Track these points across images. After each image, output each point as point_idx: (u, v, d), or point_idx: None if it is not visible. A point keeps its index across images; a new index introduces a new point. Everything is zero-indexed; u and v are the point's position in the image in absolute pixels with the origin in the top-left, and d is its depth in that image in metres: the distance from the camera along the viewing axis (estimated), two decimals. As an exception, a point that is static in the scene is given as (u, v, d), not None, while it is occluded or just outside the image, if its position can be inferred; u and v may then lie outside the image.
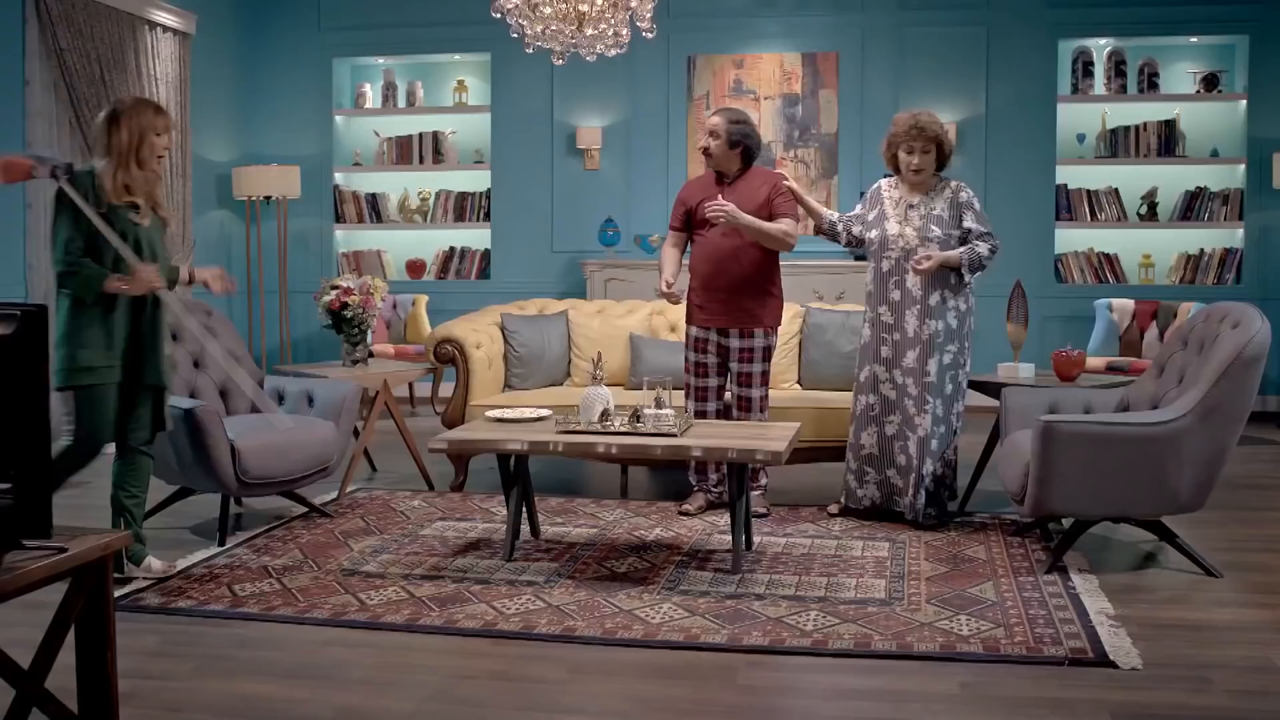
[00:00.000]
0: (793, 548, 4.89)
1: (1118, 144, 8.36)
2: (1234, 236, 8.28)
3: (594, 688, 3.46)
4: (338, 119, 9.26)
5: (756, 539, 5.01)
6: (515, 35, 4.53)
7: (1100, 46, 8.43)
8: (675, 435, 4.55)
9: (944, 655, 3.64)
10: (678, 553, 4.82)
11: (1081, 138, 8.44)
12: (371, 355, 7.61)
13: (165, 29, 7.97)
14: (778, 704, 3.34)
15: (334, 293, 5.92)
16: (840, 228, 5.45)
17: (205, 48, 8.53)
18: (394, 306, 8.71)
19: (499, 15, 4.41)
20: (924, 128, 5.16)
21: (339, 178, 9.29)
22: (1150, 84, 8.31)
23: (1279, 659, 3.64)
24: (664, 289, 5.38)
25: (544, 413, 4.95)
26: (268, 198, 8.81)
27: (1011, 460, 4.82)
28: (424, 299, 8.74)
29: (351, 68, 9.36)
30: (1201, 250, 8.28)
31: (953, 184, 5.29)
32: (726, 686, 3.45)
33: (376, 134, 9.26)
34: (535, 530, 5.06)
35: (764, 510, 5.39)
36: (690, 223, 5.44)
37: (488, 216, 9.07)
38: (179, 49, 8.15)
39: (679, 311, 6.55)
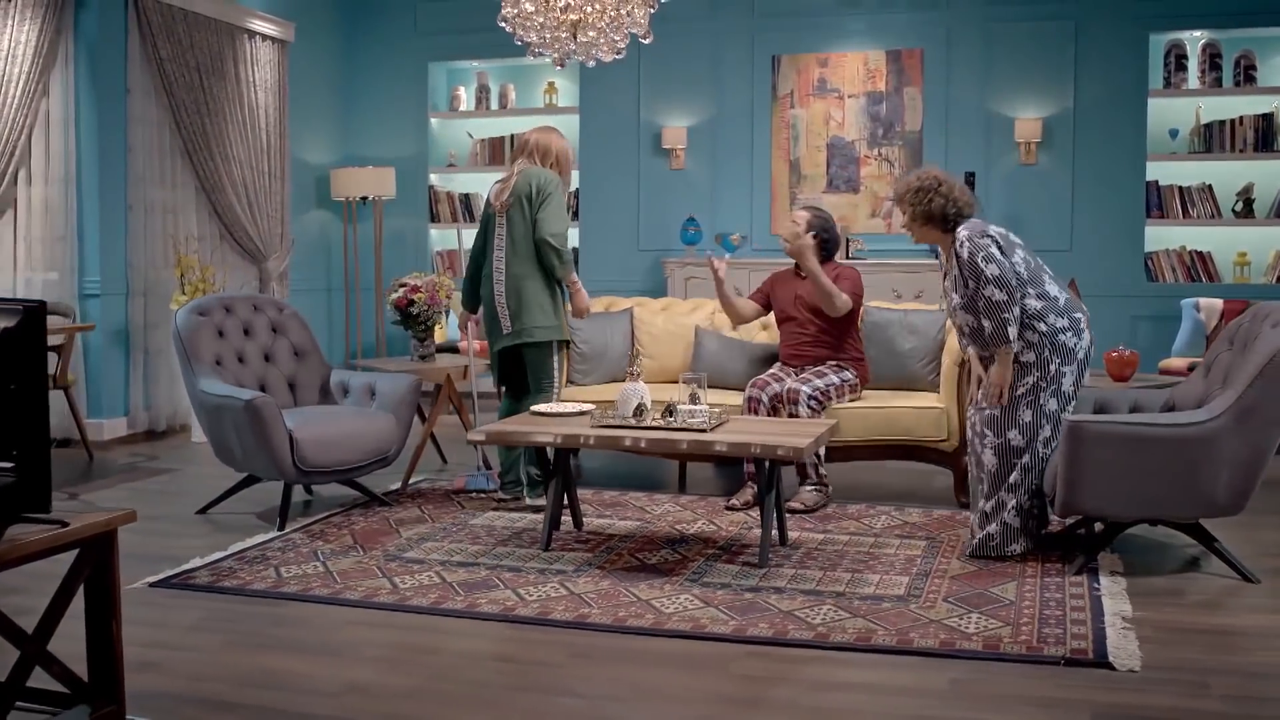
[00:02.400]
0: (828, 544, 4.94)
1: (1212, 139, 8.12)
2: (1336, 234, 7.99)
3: (591, 672, 3.58)
4: (433, 121, 9.55)
5: (795, 534, 5.06)
6: (518, 44, 4.68)
7: (1194, 39, 8.20)
8: (704, 430, 4.64)
9: (941, 652, 3.66)
10: (712, 546, 4.90)
11: (1174, 133, 8.22)
12: (456, 350, 7.88)
13: (264, 37, 8.34)
14: (763, 693, 3.41)
15: (401, 290, 6.16)
16: None
17: (304, 54, 8.89)
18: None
19: (503, 24, 4.58)
20: (894, 193, 4.90)
21: (434, 178, 9.58)
22: (1247, 77, 8.06)
23: (1289, 666, 3.58)
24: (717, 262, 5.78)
25: (586, 407, 5.08)
26: (364, 198, 9.15)
27: (1051, 460, 4.77)
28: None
29: (447, 71, 9.64)
30: (1301, 248, 8.01)
31: (956, 236, 4.69)
32: (720, 675, 3.53)
33: (470, 135, 9.53)
34: (577, 522, 5.20)
35: (802, 506, 5.42)
36: (770, 304, 6.00)
37: (576, 215, 9.24)
38: (277, 56, 8.51)
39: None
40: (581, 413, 5.04)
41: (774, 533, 4.83)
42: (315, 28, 9.10)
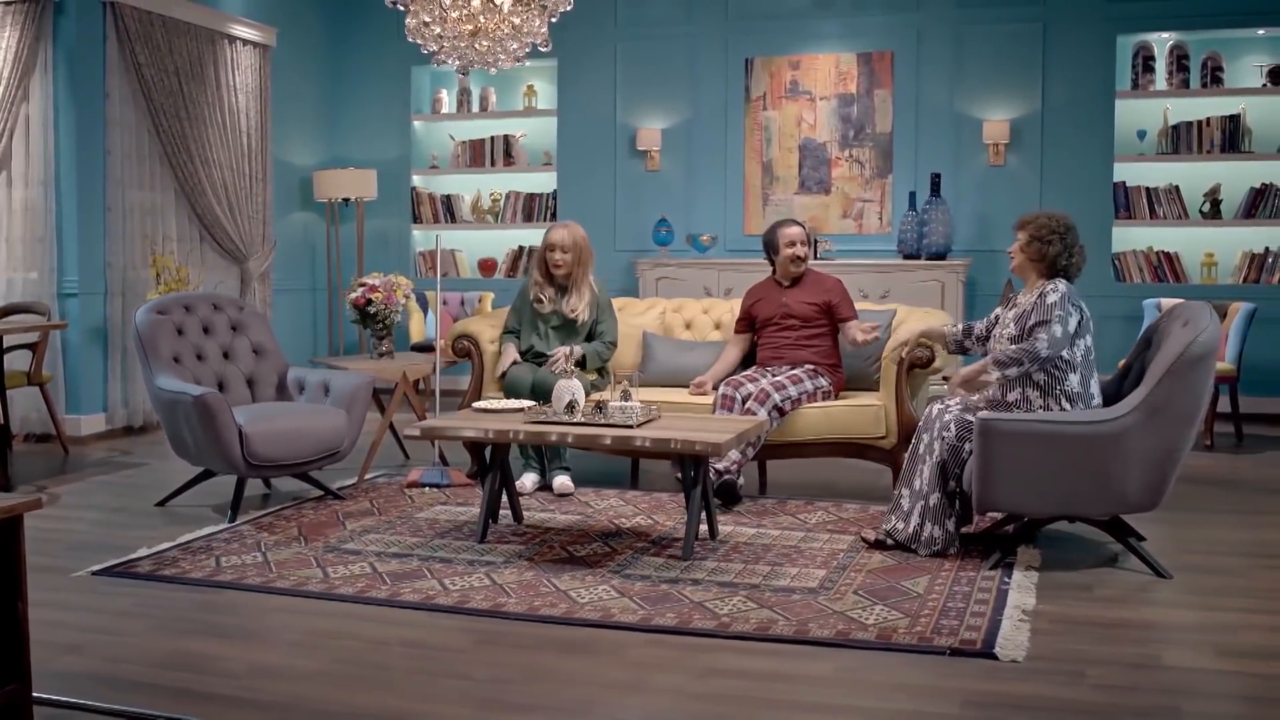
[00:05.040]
0: (758, 538, 5.04)
1: (1180, 140, 8.18)
2: (1302, 235, 8.03)
3: (491, 657, 3.71)
4: (416, 124, 9.71)
5: (728, 528, 5.17)
6: (425, 53, 4.84)
7: (1162, 41, 8.26)
8: (630, 426, 4.76)
9: (834, 641, 3.77)
10: (643, 539, 5.02)
11: (1142, 134, 8.28)
12: (432, 349, 8.00)
13: (245, 42, 8.52)
14: (650, 679, 3.52)
15: (360, 290, 6.31)
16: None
17: (286, 58, 9.07)
18: (461, 303, 9.09)
19: (409, 35, 4.74)
20: (1024, 218, 4.98)
21: (417, 180, 9.74)
22: (1214, 78, 8.11)
23: (1169, 658, 3.67)
24: (695, 384, 5.98)
25: (526, 404, 5.21)
26: (346, 199, 9.32)
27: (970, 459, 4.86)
28: (490, 296, 9.09)
29: (430, 75, 9.79)
30: (1267, 249, 8.05)
31: (1054, 283, 4.80)
32: (614, 662, 3.65)
33: (451, 138, 9.68)
34: (517, 516, 5.32)
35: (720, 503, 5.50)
36: (753, 325, 6.10)
37: (555, 217, 9.37)
38: (259, 60, 8.69)
39: (694, 310, 6.76)
40: (519, 409, 5.17)
41: (704, 527, 4.95)
42: (298, 32, 9.27)
